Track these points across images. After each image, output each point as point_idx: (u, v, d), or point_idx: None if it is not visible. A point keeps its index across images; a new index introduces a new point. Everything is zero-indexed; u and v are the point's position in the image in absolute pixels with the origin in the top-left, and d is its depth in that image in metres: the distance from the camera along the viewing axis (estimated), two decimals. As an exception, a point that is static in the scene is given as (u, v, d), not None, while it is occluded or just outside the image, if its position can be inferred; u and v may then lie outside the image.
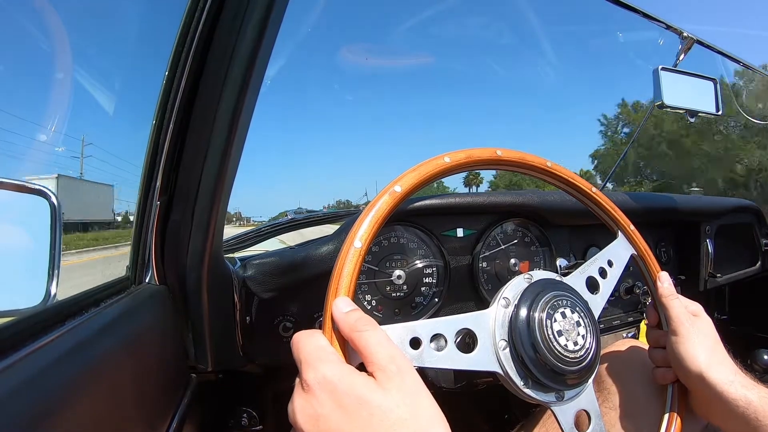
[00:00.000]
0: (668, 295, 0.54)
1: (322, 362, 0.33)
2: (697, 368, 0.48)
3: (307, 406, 0.32)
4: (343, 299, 0.37)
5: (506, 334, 0.43)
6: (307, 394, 0.32)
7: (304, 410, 0.32)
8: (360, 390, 0.31)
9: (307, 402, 0.32)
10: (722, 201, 1.21)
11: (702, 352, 0.48)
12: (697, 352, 0.48)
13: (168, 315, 0.51)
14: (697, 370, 0.48)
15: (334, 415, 0.30)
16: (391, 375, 0.32)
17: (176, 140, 0.48)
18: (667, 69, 0.90)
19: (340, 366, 0.33)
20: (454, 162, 0.46)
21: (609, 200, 0.56)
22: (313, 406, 0.31)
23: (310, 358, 0.34)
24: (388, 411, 0.30)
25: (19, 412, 0.24)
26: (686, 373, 0.49)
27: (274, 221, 1.10)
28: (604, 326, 0.94)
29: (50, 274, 0.42)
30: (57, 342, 0.31)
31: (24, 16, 0.72)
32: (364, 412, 0.30)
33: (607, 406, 0.57)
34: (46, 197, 0.43)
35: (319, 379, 0.32)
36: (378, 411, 0.30)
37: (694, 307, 0.54)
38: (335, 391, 0.31)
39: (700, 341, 0.49)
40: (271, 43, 0.43)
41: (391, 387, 0.31)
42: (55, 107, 0.71)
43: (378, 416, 0.30)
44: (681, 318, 0.51)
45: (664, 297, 0.54)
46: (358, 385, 0.31)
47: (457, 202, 0.79)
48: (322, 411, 0.31)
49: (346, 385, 0.31)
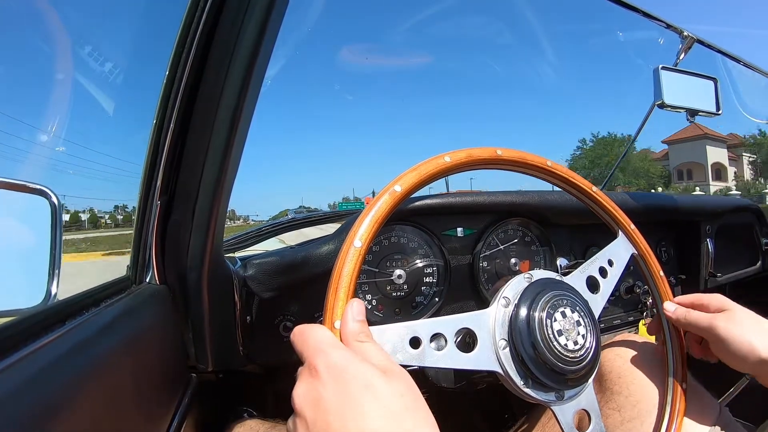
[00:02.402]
0: (681, 317, 0.53)
1: (332, 348, 0.33)
2: (758, 357, 0.46)
3: (311, 389, 0.32)
4: (360, 305, 0.37)
5: (506, 334, 0.43)
6: (313, 378, 0.32)
7: (308, 393, 0.32)
8: (368, 375, 0.31)
9: (311, 386, 0.32)
10: (723, 200, 1.21)
11: (758, 341, 0.47)
12: (754, 344, 0.47)
13: (168, 315, 0.51)
14: (759, 358, 0.46)
15: (336, 399, 0.30)
16: (395, 372, 0.33)
17: (177, 140, 0.48)
18: (667, 68, 0.89)
19: (349, 352, 0.33)
20: (455, 161, 0.46)
21: (609, 200, 0.56)
22: (317, 389, 0.31)
23: (321, 345, 0.34)
24: (392, 398, 0.30)
25: (19, 411, 0.24)
26: (752, 366, 0.47)
27: (274, 221, 1.10)
28: (605, 326, 0.94)
29: (51, 273, 0.42)
30: (57, 342, 0.31)
31: (24, 16, 0.72)
32: (368, 397, 0.30)
33: (608, 406, 0.56)
34: (47, 197, 0.43)
35: (329, 363, 0.32)
36: (383, 397, 0.30)
37: (717, 303, 0.52)
38: (343, 375, 0.31)
39: (748, 332, 0.47)
40: (271, 43, 0.43)
41: (397, 381, 0.32)
42: (55, 107, 0.71)
43: (382, 402, 0.30)
44: (714, 326, 0.50)
45: (681, 321, 0.54)
46: (366, 372, 0.32)
47: (457, 202, 0.79)
48: (325, 394, 0.31)
49: (355, 370, 0.32)
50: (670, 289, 0.57)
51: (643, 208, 0.96)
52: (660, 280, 0.57)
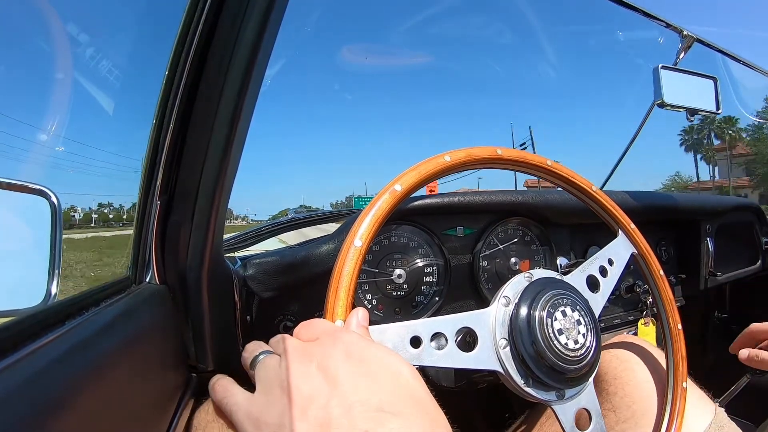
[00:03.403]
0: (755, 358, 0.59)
1: (344, 332, 0.33)
2: None
3: (328, 357, 0.30)
4: (364, 313, 0.37)
5: (506, 333, 0.43)
6: (330, 350, 0.31)
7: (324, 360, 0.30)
8: (383, 353, 0.31)
9: (328, 353, 0.31)
10: (723, 200, 1.21)
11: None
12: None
13: (168, 314, 0.51)
14: None
15: (356, 375, 0.29)
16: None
17: (176, 140, 0.48)
18: (667, 67, 0.89)
19: (364, 336, 0.33)
20: (455, 161, 0.46)
21: (609, 199, 0.56)
22: (335, 361, 0.30)
23: (334, 330, 0.33)
24: (411, 380, 0.30)
25: (19, 411, 0.24)
26: None
27: (274, 220, 1.10)
28: (605, 325, 0.94)
29: (50, 273, 0.42)
30: (57, 342, 0.31)
31: (23, 15, 0.72)
32: (388, 373, 0.30)
33: (604, 407, 0.56)
34: (47, 197, 0.43)
35: (347, 343, 0.31)
36: (404, 378, 0.30)
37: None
38: (363, 358, 0.30)
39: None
40: (271, 43, 0.43)
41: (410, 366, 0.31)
42: (54, 107, 0.71)
43: (404, 384, 0.29)
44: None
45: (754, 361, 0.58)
46: (381, 350, 0.31)
47: (457, 201, 0.79)
48: (343, 369, 0.29)
49: (371, 351, 0.31)
50: (670, 288, 0.57)
51: (643, 208, 0.96)
52: (660, 279, 0.57)
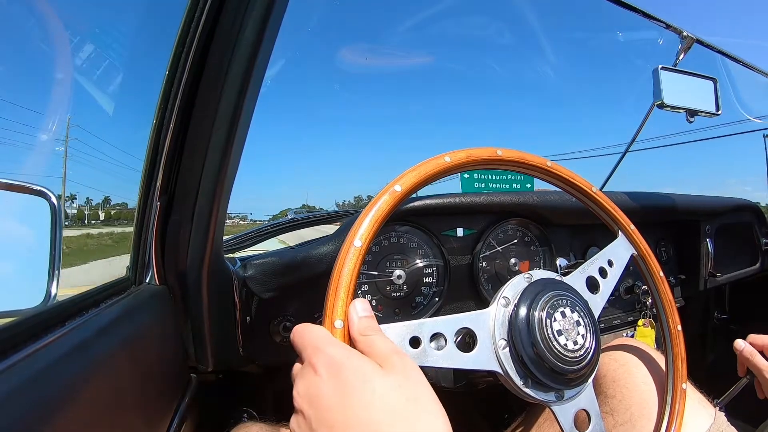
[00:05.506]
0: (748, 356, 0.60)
1: (330, 345, 0.33)
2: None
3: (310, 386, 0.31)
4: (362, 302, 0.37)
5: (506, 334, 0.43)
6: (312, 376, 0.32)
7: (308, 391, 0.31)
8: (365, 371, 0.31)
9: (311, 383, 0.32)
10: (722, 200, 1.21)
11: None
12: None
13: (168, 315, 0.51)
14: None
15: (336, 395, 0.30)
16: (395, 365, 0.32)
17: (176, 140, 0.48)
18: (666, 68, 0.89)
19: (347, 349, 0.33)
20: (455, 161, 0.46)
21: (609, 200, 0.56)
22: (317, 386, 0.31)
23: (318, 342, 0.34)
24: (390, 392, 0.30)
25: (19, 412, 0.24)
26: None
27: (274, 221, 1.10)
28: (604, 326, 0.94)
29: (50, 274, 0.42)
30: (57, 342, 0.31)
31: (24, 16, 0.72)
32: (367, 393, 0.30)
33: (602, 410, 0.56)
34: (46, 197, 0.43)
35: (326, 360, 0.32)
36: (380, 392, 0.30)
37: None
38: (341, 372, 0.31)
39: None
40: (271, 43, 0.43)
41: (395, 374, 0.32)
42: (55, 107, 0.71)
43: (379, 397, 0.30)
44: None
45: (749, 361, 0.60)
46: (364, 367, 0.31)
47: (457, 202, 0.79)
48: (325, 391, 0.30)
49: (352, 366, 0.31)
50: (669, 289, 0.57)
51: (643, 208, 0.96)
52: (660, 280, 0.57)
